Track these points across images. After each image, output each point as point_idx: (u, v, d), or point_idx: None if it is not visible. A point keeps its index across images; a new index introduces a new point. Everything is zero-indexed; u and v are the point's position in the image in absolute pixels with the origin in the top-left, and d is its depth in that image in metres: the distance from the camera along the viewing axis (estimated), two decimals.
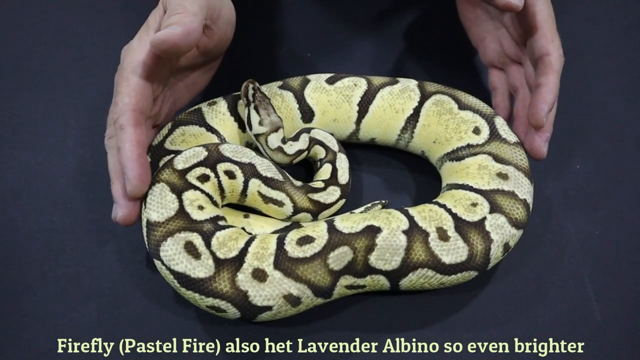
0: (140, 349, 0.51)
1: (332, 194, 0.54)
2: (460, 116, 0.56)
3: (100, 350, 0.51)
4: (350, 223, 0.48)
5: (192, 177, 0.49)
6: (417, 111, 0.57)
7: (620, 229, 0.57)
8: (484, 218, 0.49)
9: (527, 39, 0.53)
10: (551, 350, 0.51)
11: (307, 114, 0.58)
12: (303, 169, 0.61)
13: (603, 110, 0.65)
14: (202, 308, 0.47)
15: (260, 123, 0.54)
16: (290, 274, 0.46)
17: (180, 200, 0.48)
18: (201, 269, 0.45)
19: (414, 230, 0.48)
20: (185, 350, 0.51)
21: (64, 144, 0.62)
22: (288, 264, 0.46)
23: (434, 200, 0.52)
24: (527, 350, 0.51)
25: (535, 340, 0.51)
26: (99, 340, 0.51)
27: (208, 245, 0.46)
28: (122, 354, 0.51)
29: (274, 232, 0.52)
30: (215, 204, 0.51)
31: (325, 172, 0.56)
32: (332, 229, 0.47)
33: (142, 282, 0.54)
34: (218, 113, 0.57)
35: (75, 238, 0.56)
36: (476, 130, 0.55)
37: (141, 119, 0.47)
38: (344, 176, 0.55)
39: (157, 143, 0.54)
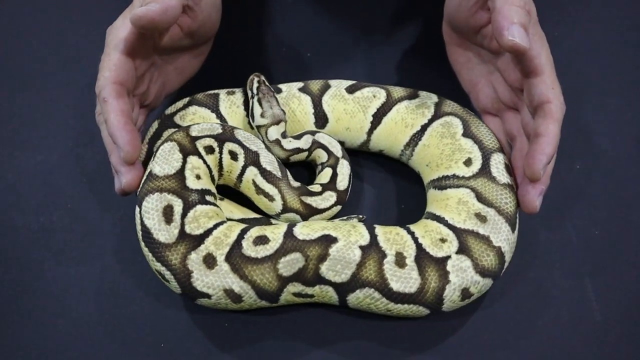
0: (141, 349, 0.51)
1: (327, 199, 0.53)
2: (460, 143, 0.54)
3: (100, 351, 0.51)
4: (308, 230, 0.48)
5: (200, 145, 0.51)
6: (424, 129, 0.56)
7: (620, 229, 0.57)
8: (448, 257, 0.47)
9: (524, 84, 0.49)
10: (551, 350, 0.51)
11: (321, 119, 0.58)
12: (306, 172, 0.61)
13: (603, 110, 0.65)
14: (152, 268, 0.48)
15: (262, 115, 0.55)
16: (237, 271, 0.46)
17: (184, 162, 0.50)
18: (164, 233, 0.46)
19: (371, 248, 0.47)
20: (184, 350, 0.51)
21: (64, 144, 0.62)
22: (238, 260, 0.46)
23: (406, 226, 0.51)
24: (527, 350, 0.51)
25: (535, 340, 0.52)
26: (99, 340, 0.51)
27: (184, 215, 0.47)
28: (122, 354, 0.51)
29: (242, 220, 0.53)
30: (212, 178, 0.52)
31: (325, 176, 0.56)
32: (289, 233, 0.47)
33: (142, 282, 0.54)
34: (232, 104, 0.57)
35: (75, 238, 0.56)
36: (467, 162, 0.52)
37: (122, 90, 0.48)
38: (343, 182, 0.55)
39: (169, 113, 0.56)
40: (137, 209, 0.48)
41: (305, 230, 0.47)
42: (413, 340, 0.51)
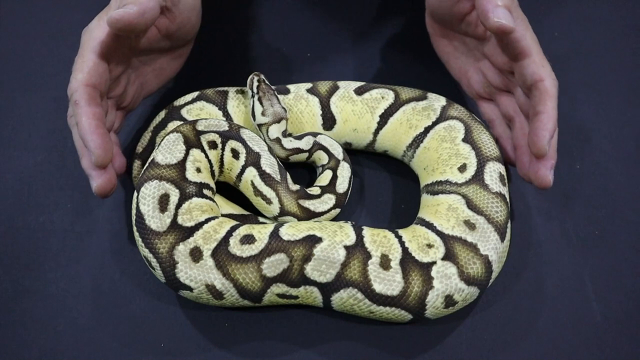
0: (141, 349, 0.51)
1: (325, 203, 0.53)
2: (458, 148, 0.53)
3: (100, 350, 0.51)
4: (293, 230, 0.48)
5: (204, 140, 0.52)
6: (427, 131, 0.56)
7: (620, 229, 0.57)
8: (434, 262, 0.47)
9: (514, 67, 0.50)
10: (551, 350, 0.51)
11: (329, 121, 0.58)
12: (307, 173, 0.61)
13: (603, 110, 0.65)
14: (140, 254, 0.48)
15: (263, 113, 0.55)
16: (221, 268, 0.46)
17: (187, 154, 0.50)
18: (157, 221, 0.47)
19: (356, 248, 0.47)
20: (184, 350, 0.51)
21: (64, 144, 0.62)
22: (224, 257, 0.46)
23: (395, 229, 0.50)
24: (527, 350, 0.51)
25: (535, 340, 0.52)
26: (99, 340, 0.51)
27: (179, 206, 0.48)
28: (122, 354, 0.51)
29: (229, 215, 0.53)
30: (212, 173, 0.53)
31: (324, 178, 0.56)
32: (274, 234, 0.47)
33: (142, 282, 0.54)
34: (240, 103, 0.58)
35: (75, 238, 0.56)
36: (462, 168, 0.52)
37: (95, 93, 0.48)
38: (342, 185, 0.55)
39: (177, 105, 0.57)
40: (135, 194, 0.48)
41: (291, 231, 0.47)
42: (411, 342, 0.51)
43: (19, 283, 0.54)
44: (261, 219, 0.54)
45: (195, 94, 0.58)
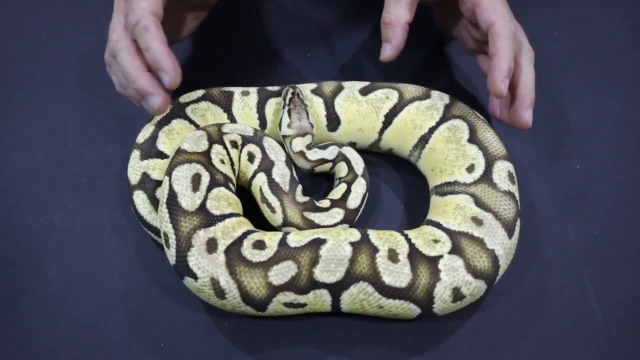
0: (141, 349, 0.51)
1: (332, 217, 0.52)
2: (464, 149, 0.53)
3: (100, 350, 0.51)
4: (299, 237, 0.48)
5: (227, 139, 0.53)
6: (431, 131, 0.56)
7: (620, 229, 0.57)
8: (441, 256, 0.47)
9: (476, 20, 0.52)
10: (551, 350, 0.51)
11: (334, 122, 0.58)
12: (325, 182, 0.60)
13: (603, 110, 0.65)
14: (161, 231, 0.49)
15: (289, 126, 0.56)
16: (230, 266, 0.46)
17: (210, 147, 0.52)
18: (188, 200, 0.48)
19: (362, 244, 0.47)
20: (184, 350, 0.51)
21: (64, 144, 0.62)
22: (235, 257, 0.46)
23: (401, 230, 0.51)
24: (527, 350, 0.51)
25: (535, 339, 0.52)
26: (99, 340, 0.51)
27: (210, 189, 0.49)
28: (122, 354, 0.51)
29: None
30: (233, 171, 0.54)
31: (338, 191, 0.55)
32: (282, 241, 0.47)
33: (142, 282, 0.54)
34: (245, 105, 0.58)
35: (75, 238, 0.56)
36: (470, 168, 0.52)
37: (159, 22, 0.48)
38: (354, 201, 0.54)
39: (182, 102, 0.57)
40: (166, 178, 0.49)
41: (297, 238, 0.48)
42: (411, 342, 0.51)
43: (19, 283, 0.54)
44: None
45: (200, 92, 0.58)
